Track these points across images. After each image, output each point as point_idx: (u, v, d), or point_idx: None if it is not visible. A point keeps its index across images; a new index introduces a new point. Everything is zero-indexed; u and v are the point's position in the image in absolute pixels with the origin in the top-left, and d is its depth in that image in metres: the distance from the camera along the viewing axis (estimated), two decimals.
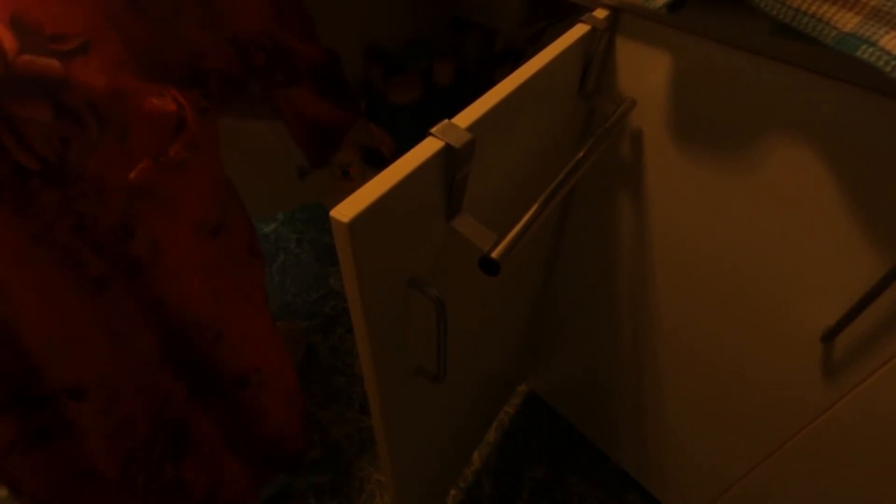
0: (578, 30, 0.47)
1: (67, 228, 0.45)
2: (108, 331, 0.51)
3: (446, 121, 0.34)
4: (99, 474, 0.57)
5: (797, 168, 0.45)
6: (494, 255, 0.34)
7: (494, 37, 1.00)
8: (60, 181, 0.43)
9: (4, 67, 0.38)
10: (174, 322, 0.55)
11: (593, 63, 0.51)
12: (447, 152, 0.33)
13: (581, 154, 0.45)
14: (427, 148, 0.32)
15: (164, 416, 0.60)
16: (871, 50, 0.32)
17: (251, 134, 1.11)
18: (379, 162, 1.08)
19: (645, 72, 0.50)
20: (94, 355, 0.51)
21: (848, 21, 0.33)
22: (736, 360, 0.61)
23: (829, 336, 0.49)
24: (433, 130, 0.33)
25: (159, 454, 0.61)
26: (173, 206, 0.51)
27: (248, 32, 0.57)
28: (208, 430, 0.65)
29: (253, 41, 0.58)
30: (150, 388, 0.57)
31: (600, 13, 0.48)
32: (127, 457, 0.58)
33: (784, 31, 0.39)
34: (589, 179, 0.64)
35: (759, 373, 0.59)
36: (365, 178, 1.07)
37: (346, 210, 0.28)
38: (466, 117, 0.35)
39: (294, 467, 0.80)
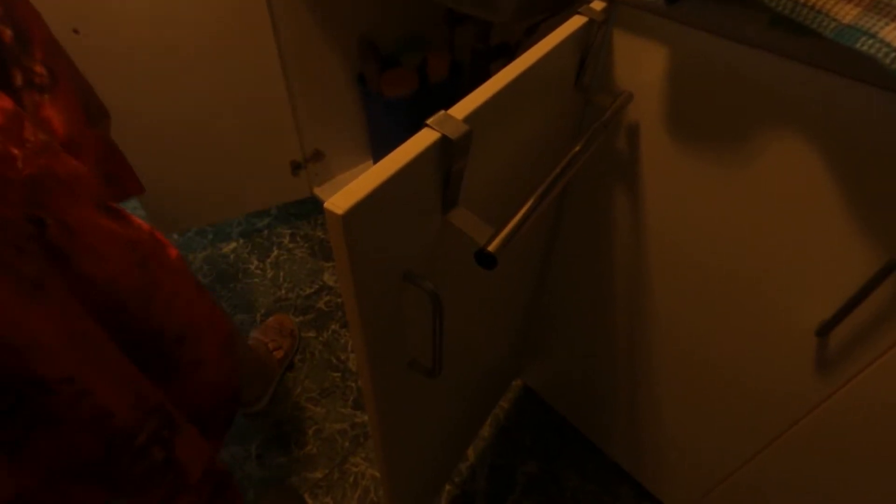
0: (575, 22, 0.46)
1: None
2: (57, 328, 0.50)
3: (442, 112, 0.33)
4: (81, 461, 0.56)
5: (794, 162, 0.44)
6: (491, 248, 0.34)
7: (489, 30, 0.99)
8: None
9: None
10: (109, 300, 0.55)
11: (590, 55, 0.50)
12: (443, 144, 0.32)
13: (578, 147, 0.44)
14: (423, 139, 0.32)
15: (147, 404, 0.60)
16: (870, 42, 0.32)
17: (243, 129, 1.10)
18: None
19: (642, 65, 0.50)
20: (52, 354, 0.50)
21: (847, 13, 0.33)
22: (730, 354, 0.61)
23: (824, 331, 0.49)
24: (429, 122, 0.32)
25: (145, 441, 0.60)
26: (69, 186, 0.50)
27: None
28: (173, 402, 0.66)
29: None
30: (117, 375, 0.57)
31: (597, 5, 0.48)
32: (107, 445, 0.57)
33: (783, 24, 0.39)
34: (585, 172, 0.64)
35: (754, 367, 0.59)
36: None
37: (340, 202, 0.28)
38: (463, 109, 0.35)
39: (228, 423, 0.80)
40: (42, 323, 0.48)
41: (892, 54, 0.31)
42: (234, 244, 1.37)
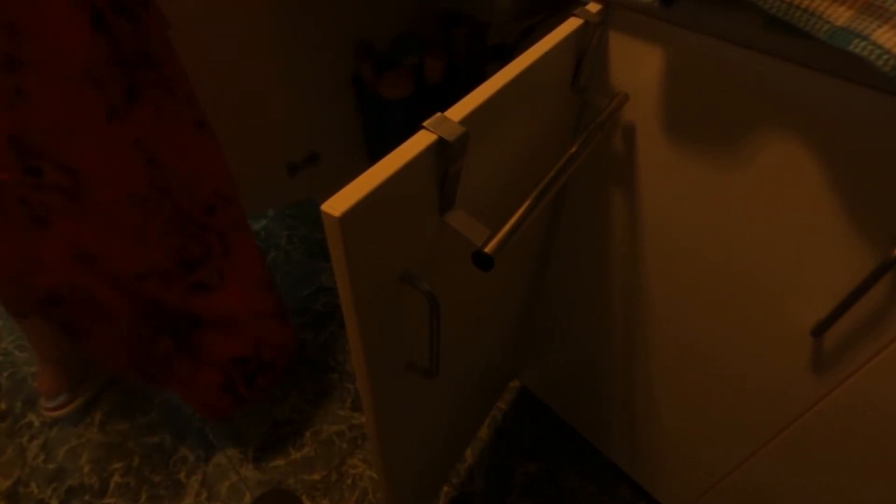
0: (571, 24, 0.47)
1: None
2: (62, 252, 0.60)
3: (439, 114, 0.33)
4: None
5: (789, 163, 0.45)
6: (488, 249, 0.34)
7: (486, 31, 0.99)
8: None
9: None
10: (127, 201, 0.61)
11: (586, 57, 0.50)
12: (440, 146, 0.33)
13: (574, 148, 0.45)
14: (420, 141, 0.32)
15: (161, 314, 0.70)
16: (863, 44, 0.32)
17: (240, 130, 1.10)
18: None
19: (638, 66, 0.50)
20: (56, 272, 0.61)
21: (840, 15, 0.33)
22: (726, 354, 0.61)
23: (819, 331, 0.49)
24: (426, 123, 0.32)
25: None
26: (57, 128, 0.53)
27: None
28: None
29: None
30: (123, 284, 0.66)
31: (593, 7, 0.48)
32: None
33: (777, 26, 0.39)
34: (582, 174, 0.64)
35: (750, 367, 0.59)
36: None
37: (337, 204, 0.28)
38: (459, 110, 0.35)
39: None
40: (46, 251, 0.59)
41: (885, 56, 0.31)
42: None
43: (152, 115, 0.59)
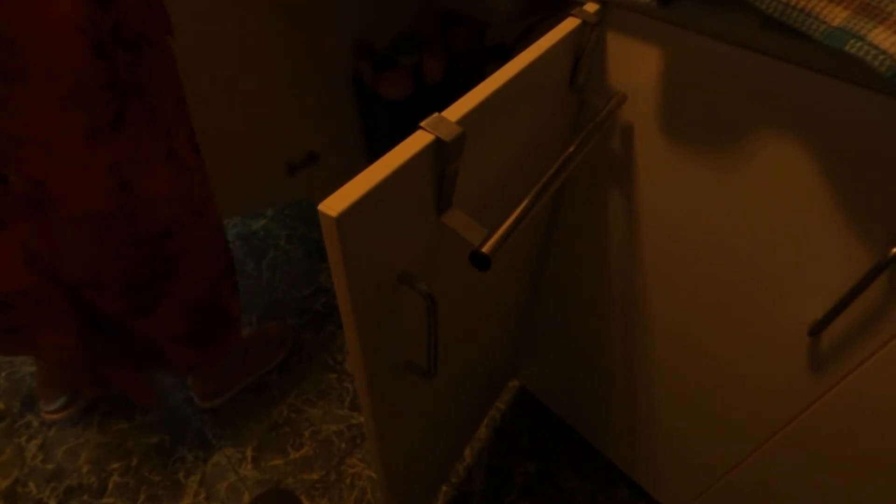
0: (569, 24, 0.47)
1: None
2: (12, 257, 0.61)
3: (436, 114, 0.33)
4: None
5: (786, 163, 0.45)
6: (485, 249, 0.34)
7: (485, 31, 0.99)
8: None
9: None
10: (92, 224, 0.63)
11: (584, 57, 0.51)
12: (437, 146, 0.33)
13: (572, 148, 0.45)
14: (417, 141, 0.32)
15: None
16: (859, 44, 0.32)
17: (238, 130, 1.10)
18: None
19: (635, 66, 0.50)
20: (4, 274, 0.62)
21: (836, 15, 0.33)
22: (724, 353, 0.61)
23: (816, 330, 0.49)
24: (423, 124, 0.32)
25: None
26: (32, 141, 0.54)
27: None
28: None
29: None
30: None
31: (591, 7, 0.48)
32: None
33: (774, 26, 0.39)
34: (579, 174, 0.64)
35: (748, 366, 0.59)
36: None
37: (334, 204, 0.28)
38: (457, 111, 0.35)
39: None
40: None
41: (881, 57, 0.31)
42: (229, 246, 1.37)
43: (133, 142, 0.60)
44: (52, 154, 0.55)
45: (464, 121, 0.35)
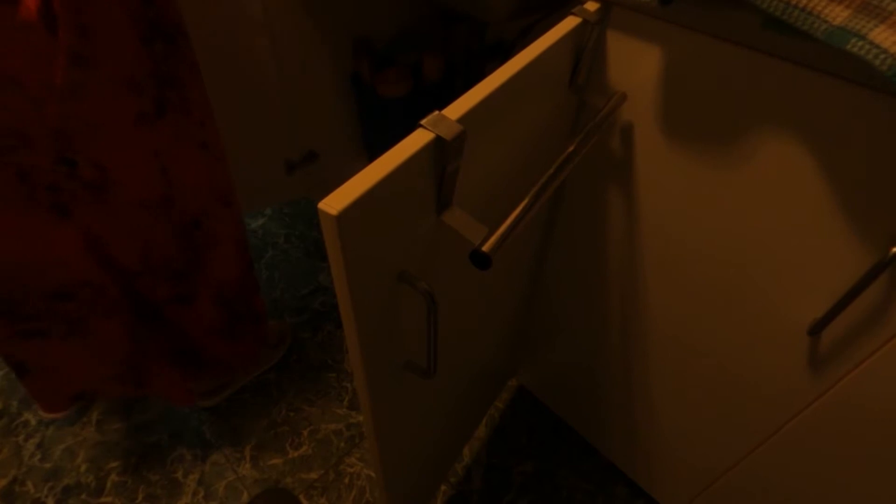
0: (569, 22, 0.47)
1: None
2: (77, 244, 0.63)
3: (436, 112, 0.33)
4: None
5: (786, 162, 0.45)
6: (485, 248, 0.34)
7: (485, 29, 0.99)
8: None
9: None
10: (140, 208, 0.66)
11: (584, 56, 0.50)
12: (437, 144, 0.32)
13: (572, 147, 0.45)
14: (417, 140, 0.32)
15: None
16: (860, 43, 0.32)
17: (237, 128, 1.10)
18: None
19: (636, 65, 0.50)
20: (69, 267, 0.64)
21: (838, 15, 0.33)
22: (724, 352, 0.61)
23: (816, 329, 0.49)
24: (423, 122, 0.32)
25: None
26: (99, 127, 0.57)
27: None
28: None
29: None
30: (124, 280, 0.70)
31: (591, 6, 0.48)
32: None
33: (775, 25, 0.39)
34: (579, 173, 0.64)
35: (747, 365, 0.59)
36: None
37: (334, 202, 0.28)
38: (457, 109, 0.35)
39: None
40: (61, 243, 0.62)
41: (882, 56, 0.31)
42: None
43: (172, 130, 0.63)
44: (112, 138, 0.58)
45: (464, 119, 0.34)
